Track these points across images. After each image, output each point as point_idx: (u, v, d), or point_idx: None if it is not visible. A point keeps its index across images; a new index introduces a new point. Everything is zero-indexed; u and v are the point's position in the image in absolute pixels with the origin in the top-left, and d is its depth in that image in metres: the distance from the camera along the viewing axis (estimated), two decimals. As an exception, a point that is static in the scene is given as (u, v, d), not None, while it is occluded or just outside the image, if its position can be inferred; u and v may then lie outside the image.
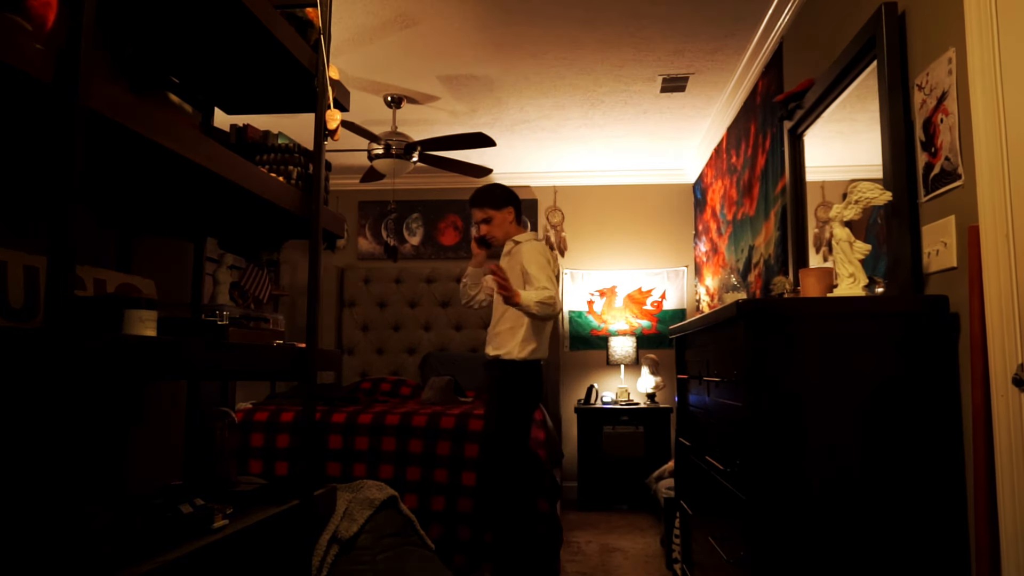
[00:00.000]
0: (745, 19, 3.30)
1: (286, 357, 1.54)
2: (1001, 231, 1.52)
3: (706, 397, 2.36)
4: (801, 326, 1.75)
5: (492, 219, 3.08)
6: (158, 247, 1.79)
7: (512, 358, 2.92)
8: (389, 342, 5.51)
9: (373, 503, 2.22)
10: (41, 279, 1.25)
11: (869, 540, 1.67)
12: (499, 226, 3.09)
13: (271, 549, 1.54)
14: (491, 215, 3.07)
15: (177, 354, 1.16)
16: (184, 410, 1.87)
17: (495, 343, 2.99)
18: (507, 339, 2.94)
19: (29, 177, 1.31)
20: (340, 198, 5.85)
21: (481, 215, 3.09)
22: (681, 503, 2.92)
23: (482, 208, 3.08)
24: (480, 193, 3.11)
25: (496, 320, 3.02)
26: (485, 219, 3.08)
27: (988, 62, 1.57)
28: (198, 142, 1.19)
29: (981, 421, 1.56)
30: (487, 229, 3.09)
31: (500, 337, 2.97)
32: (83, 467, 1.50)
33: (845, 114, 2.42)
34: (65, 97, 0.90)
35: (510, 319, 2.95)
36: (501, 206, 3.09)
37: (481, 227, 3.10)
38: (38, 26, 0.94)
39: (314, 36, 1.64)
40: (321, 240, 1.65)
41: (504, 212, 3.09)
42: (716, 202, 4.78)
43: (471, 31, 3.44)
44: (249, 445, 3.33)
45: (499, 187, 3.13)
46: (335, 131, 1.65)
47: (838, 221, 1.89)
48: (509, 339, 2.94)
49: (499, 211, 3.08)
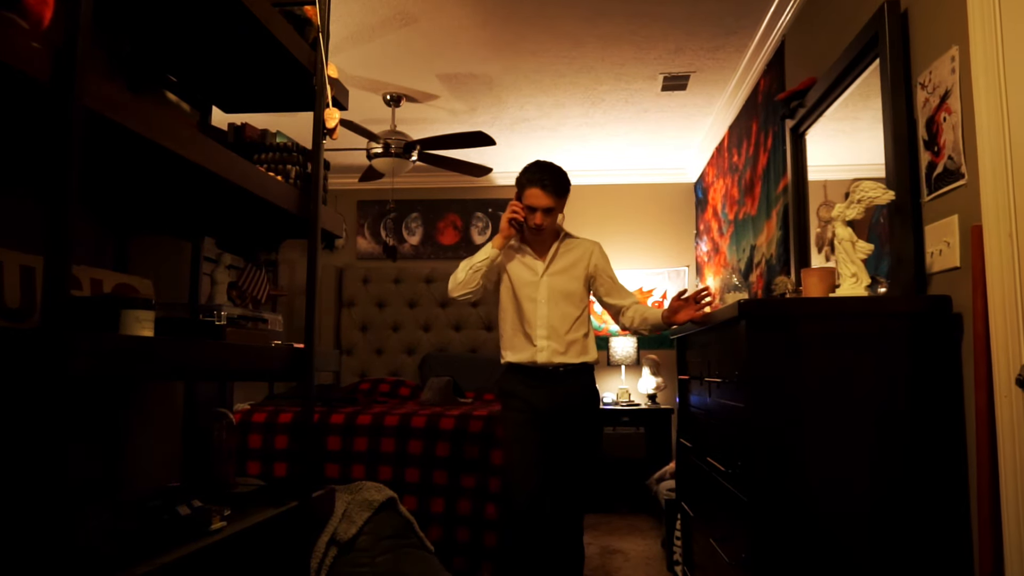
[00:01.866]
0: (747, 17, 3.29)
1: (284, 358, 1.53)
2: (1004, 230, 1.51)
3: (707, 398, 2.35)
4: (803, 326, 1.74)
5: (555, 210, 2.56)
6: (155, 247, 1.77)
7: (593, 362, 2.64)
8: (388, 342, 5.50)
9: (372, 505, 2.22)
10: (37, 279, 1.24)
11: (871, 542, 1.66)
12: (555, 219, 2.62)
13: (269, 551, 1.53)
14: (557, 206, 2.55)
15: (174, 354, 1.15)
16: (182, 411, 1.86)
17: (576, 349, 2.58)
18: (587, 344, 2.62)
19: (25, 176, 1.30)
20: (339, 197, 5.84)
21: (546, 203, 2.52)
22: (682, 505, 2.91)
23: (553, 195, 2.53)
24: (558, 176, 2.55)
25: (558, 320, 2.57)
26: (549, 208, 2.54)
27: (991, 60, 1.57)
28: (196, 141, 1.19)
29: (984, 422, 1.55)
30: (547, 221, 2.55)
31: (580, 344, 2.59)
32: (80, 468, 1.49)
33: (847, 113, 2.41)
34: (62, 96, 0.89)
35: (585, 323, 2.63)
36: (565, 196, 2.60)
37: (540, 216, 2.53)
38: (35, 24, 0.94)
39: (312, 34, 1.63)
40: (320, 240, 1.64)
41: (564, 203, 2.62)
42: (717, 201, 4.77)
43: (471, 29, 3.43)
44: (247, 446, 3.32)
45: (566, 173, 2.62)
46: (334, 130, 1.64)
47: (840, 220, 1.88)
48: (588, 343, 2.62)
49: (561, 201, 2.59)
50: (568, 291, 2.60)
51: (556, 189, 2.53)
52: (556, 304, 2.58)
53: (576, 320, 2.59)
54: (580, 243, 2.69)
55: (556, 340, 2.55)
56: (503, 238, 2.59)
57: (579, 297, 2.62)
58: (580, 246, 2.68)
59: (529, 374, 2.58)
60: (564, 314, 2.57)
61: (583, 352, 2.59)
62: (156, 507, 1.27)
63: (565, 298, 2.59)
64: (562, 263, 2.63)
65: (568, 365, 2.56)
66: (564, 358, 2.55)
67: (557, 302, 2.58)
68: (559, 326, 2.56)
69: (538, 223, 2.54)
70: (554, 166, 2.58)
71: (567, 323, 2.57)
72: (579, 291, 2.62)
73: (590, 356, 2.61)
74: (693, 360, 2.68)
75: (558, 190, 2.53)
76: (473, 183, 5.63)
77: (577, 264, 2.64)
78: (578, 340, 2.58)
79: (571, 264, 2.63)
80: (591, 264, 2.65)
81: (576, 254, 2.65)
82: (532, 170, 2.56)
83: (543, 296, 2.59)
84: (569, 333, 2.56)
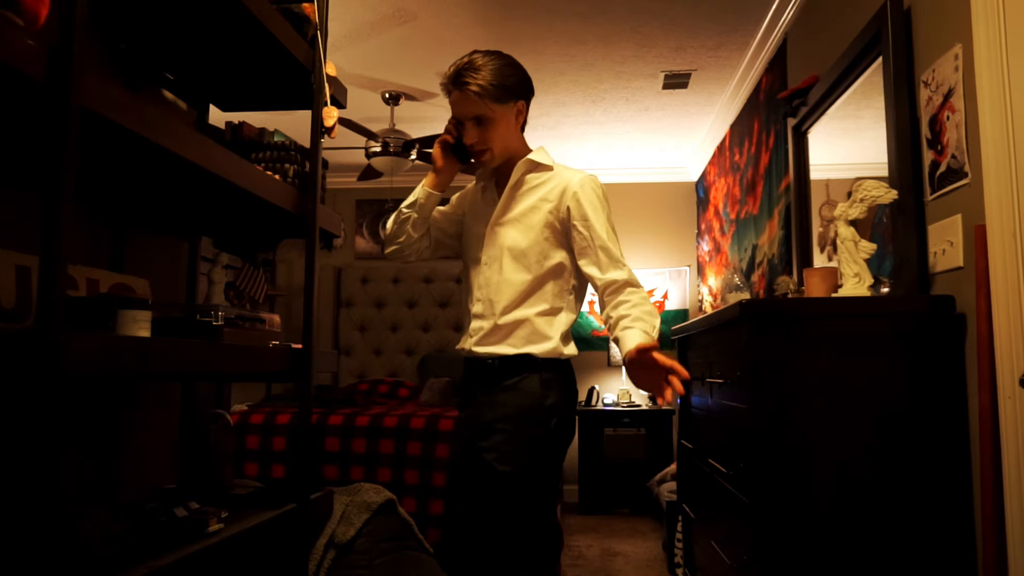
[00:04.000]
0: (748, 15, 3.28)
1: (282, 358, 1.52)
2: (1008, 230, 1.50)
3: (709, 399, 2.34)
4: (805, 327, 1.73)
5: (491, 119, 1.73)
6: (152, 246, 1.76)
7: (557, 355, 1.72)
8: (387, 343, 5.49)
9: (371, 507, 2.20)
10: (33, 279, 1.23)
11: (875, 544, 1.65)
12: (500, 132, 1.75)
13: (267, 554, 1.52)
14: (491, 111, 1.71)
15: (171, 355, 1.14)
16: (179, 412, 1.85)
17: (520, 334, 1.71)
18: (543, 329, 1.72)
19: (21, 175, 1.29)
20: (337, 196, 5.83)
21: (472, 109, 1.72)
22: (683, 506, 2.90)
23: (480, 96, 1.69)
24: (472, 67, 1.70)
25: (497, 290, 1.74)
26: (479, 117, 1.73)
27: (995, 58, 1.56)
28: (193, 140, 1.18)
29: (988, 423, 1.54)
30: (478, 135, 1.74)
31: (528, 327, 1.71)
32: (76, 470, 1.48)
33: (850, 111, 2.40)
34: (58, 94, 0.89)
35: (545, 297, 1.73)
36: (509, 97, 1.73)
37: (468, 128, 1.75)
38: (30, 22, 0.93)
39: (311, 31, 1.62)
40: (318, 239, 1.63)
41: (511, 109, 1.76)
42: (719, 200, 4.76)
43: (470, 26, 3.42)
44: (245, 447, 3.31)
45: (509, 66, 1.74)
46: (332, 128, 1.63)
47: (843, 220, 1.87)
48: (546, 327, 1.72)
49: (504, 105, 1.73)
50: (518, 247, 1.73)
51: (483, 86, 1.68)
52: (499, 266, 1.74)
53: (527, 290, 1.72)
54: (553, 176, 1.78)
55: (489, 319, 1.73)
56: (436, 174, 1.86)
57: (536, 256, 1.73)
58: (551, 181, 1.77)
59: (466, 370, 1.83)
60: (508, 281, 1.72)
61: (532, 339, 1.70)
62: (153, 509, 1.27)
63: (514, 257, 1.73)
64: (520, 206, 1.77)
65: (500, 358, 1.70)
66: (495, 346, 1.71)
67: (501, 263, 1.74)
68: (498, 298, 1.73)
69: (469, 142, 1.75)
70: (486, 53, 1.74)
71: (510, 294, 1.71)
72: (537, 246, 1.73)
73: (543, 345, 1.70)
74: (694, 360, 2.67)
75: (487, 88, 1.68)
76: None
77: (539, 207, 1.75)
78: (526, 321, 1.70)
79: (531, 207, 1.75)
80: (561, 205, 1.73)
81: (541, 193, 1.76)
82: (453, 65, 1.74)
83: (486, 254, 1.78)
84: (512, 311, 1.71)
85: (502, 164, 1.82)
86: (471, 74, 1.70)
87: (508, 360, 1.70)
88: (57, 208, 0.87)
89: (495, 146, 1.77)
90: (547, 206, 1.75)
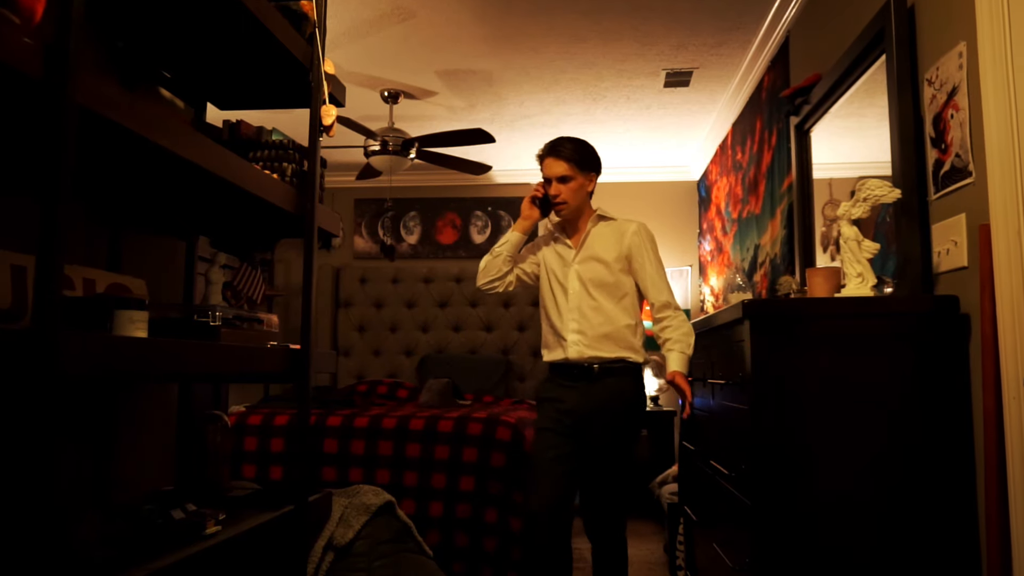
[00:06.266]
0: (750, 12, 3.27)
1: (280, 359, 1.52)
2: (1013, 229, 1.50)
3: (711, 400, 2.33)
4: (808, 327, 1.72)
5: (572, 179, 2.35)
6: (149, 246, 1.75)
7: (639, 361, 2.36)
8: (386, 343, 5.47)
9: (369, 509, 2.19)
10: (29, 279, 1.22)
11: (877, 546, 1.63)
12: (577, 193, 2.36)
13: (265, 556, 1.51)
14: (574, 174, 2.35)
15: (168, 356, 1.13)
16: (176, 413, 1.84)
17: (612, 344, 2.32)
18: (630, 340, 2.34)
19: (17, 174, 1.29)
20: (336, 196, 5.82)
21: (560, 170, 2.34)
22: (685, 508, 2.89)
23: (567, 161, 2.34)
24: (573, 142, 2.38)
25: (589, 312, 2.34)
26: (563, 177, 2.35)
27: (999, 56, 1.55)
28: (190, 138, 1.18)
29: (992, 424, 1.53)
30: (561, 191, 2.35)
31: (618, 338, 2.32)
32: (72, 471, 1.47)
33: (853, 110, 2.39)
34: (54, 92, 0.88)
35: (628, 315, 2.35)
36: (587, 168, 2.38)
37: (554, 185, 2.36)
38: (26, 19, 0.93)
39: (309, 29, 1.61)
40: (316, 239, 1.62)
41: (587, 178, 2.39)
42: (721, 200, 4.75)
43: (470, 24, 3.40)
44: (242, 449, 3.29)
45: (590, 147, 2.42)
46: (330, 127, 1.62)
47: (846, 219, 1.86)
48: (631, 339, 2.34)
49: (583, 173, 2.37)
50: (601, 279, 2.34)
51: (569, 155, 2.34)
52: (587, 294, 2.35)
53: (614, 312, 2.33)
54: (617, 224, 2.41)
55: (587, 334, 2.31)
56: (524, 220, 2.45)
57: (616, 285, 2.34)
58: (616, 227, 2.40)
59: (562, 373, 2.37)
60: (597, 305, 2.33)
61: (623, 348, 2.31)
62: (150, 511, 1.26)
63: (598, 287, 2.34)
64: (595, 248, 2.38)
65: (603, 361, 2.30)
66: (597, 352, 2.30)
67: (589, 292, 2.35)
68: (592, 317, 2.32)
69: (554, 194, 2.36)
70: (572, 137, 2.44)
71: (600, 315, 2.32)
72: (616, 279, 2.34)
73: (633, 353, 2.32)
74: (696, 361, 2.65)
75: (572, 156, 2.35)
76: (472, 181, 5.61)
77: (610, 248, 2.36)
78: (616, 334, 2.31)
79: (604, 248, 2.36)
80: (624, 245, 2.36)
81: (611, 237, 2.38)
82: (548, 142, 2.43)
83: (573, 286, 2.37)
84: (604, 326, 2.31)
85: (571, 219, 2.43)
86: (564, 145, 2.37)
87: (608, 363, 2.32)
88: (53, 207, 0.86)
89: (572, 201, 2.37)
90: (617, 247, 2.37)
